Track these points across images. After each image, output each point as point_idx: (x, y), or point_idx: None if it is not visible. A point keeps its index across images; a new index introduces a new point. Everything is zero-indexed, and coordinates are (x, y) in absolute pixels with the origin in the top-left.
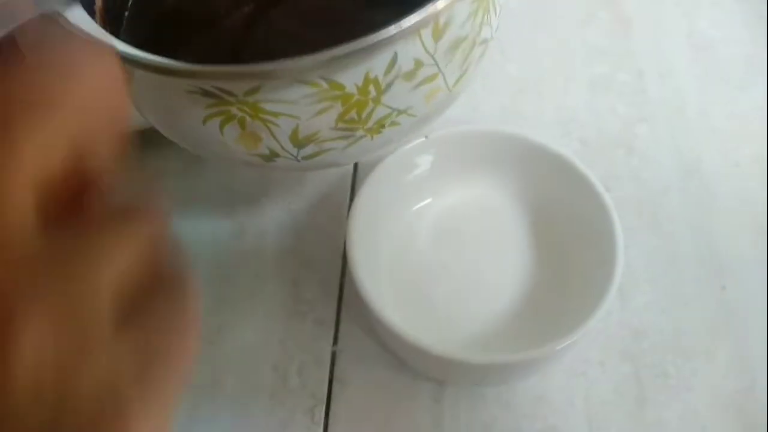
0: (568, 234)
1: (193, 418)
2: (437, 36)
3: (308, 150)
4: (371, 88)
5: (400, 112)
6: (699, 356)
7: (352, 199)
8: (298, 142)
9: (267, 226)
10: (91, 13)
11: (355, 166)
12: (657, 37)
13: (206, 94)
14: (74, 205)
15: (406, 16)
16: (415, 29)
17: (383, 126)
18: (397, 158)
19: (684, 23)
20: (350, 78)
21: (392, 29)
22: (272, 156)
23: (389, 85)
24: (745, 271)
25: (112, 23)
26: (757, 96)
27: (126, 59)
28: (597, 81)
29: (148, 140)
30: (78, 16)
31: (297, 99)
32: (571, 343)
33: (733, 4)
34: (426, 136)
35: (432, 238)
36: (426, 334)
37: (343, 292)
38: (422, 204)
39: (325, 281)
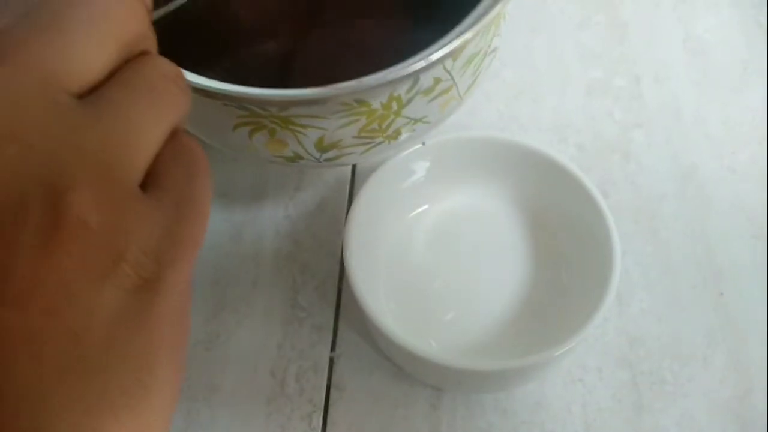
0: (565, 240)
1: (190, 422)
2: (455, 57)
3: (330, 154)
4: (394, 103)
5: (416, 121)
6: (696, 362)
7: (349, 205)
8: (323, 148)
9: (265, 231)
10: None
11: (353, 171)
12: (653, 42)
13: (241, 107)
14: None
15: (431, 41)
16: (441, 60)
17: (400, 133)
18: (394, 164)
19: (680, 28)
20: (377, 97)
21: (421, 63)
22: (296, 158)
23: (410, 100)
24: (742, 276)
25: None
26: (753, 101)
27: None
28: (593, 86)
29: None
30: None
31: (326, 115)
32: (569, 350)
33: (729, 9)
34: (423, 143)
35: (429, 244)
36: (423, 340)
37: (340, 298)
38: (419, 210)
39: (322, 287)
